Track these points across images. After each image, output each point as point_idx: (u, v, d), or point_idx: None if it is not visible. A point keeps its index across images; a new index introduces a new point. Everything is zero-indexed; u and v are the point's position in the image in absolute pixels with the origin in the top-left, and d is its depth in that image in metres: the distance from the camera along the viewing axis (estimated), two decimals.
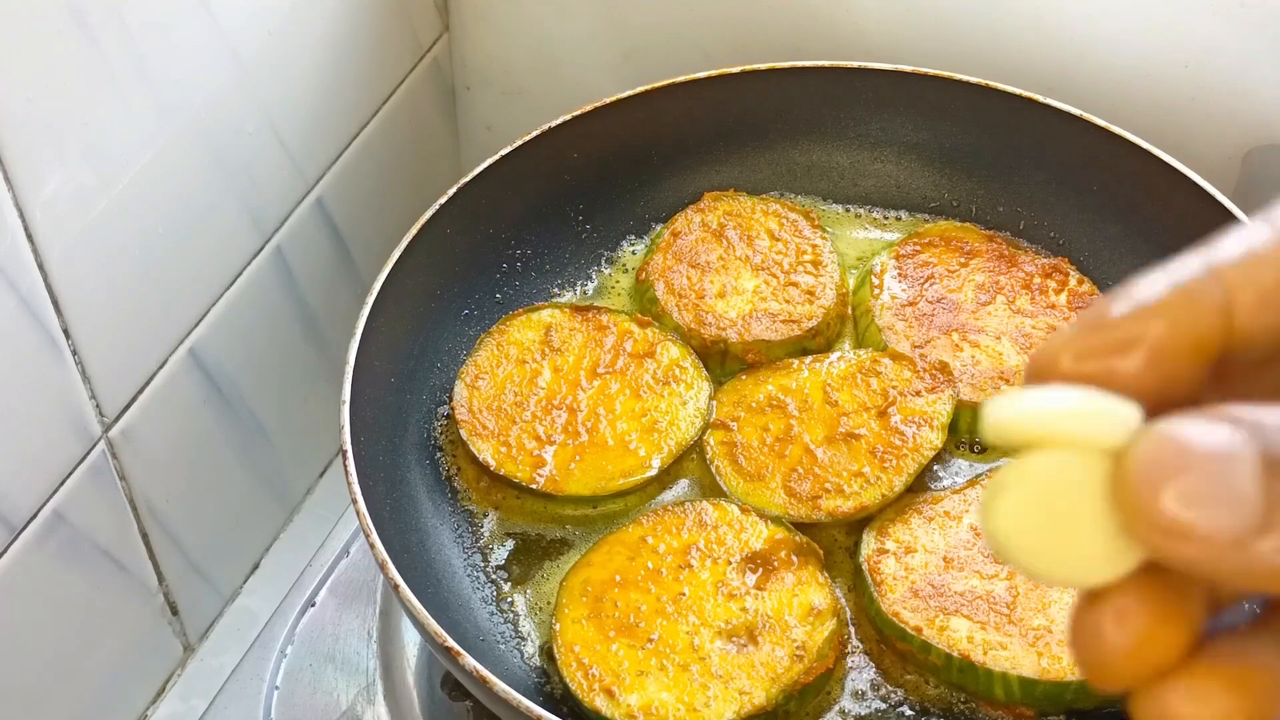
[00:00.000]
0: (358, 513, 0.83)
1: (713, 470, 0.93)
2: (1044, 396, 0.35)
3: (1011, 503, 0.36)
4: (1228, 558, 0.33)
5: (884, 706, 0.83)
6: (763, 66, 1.07)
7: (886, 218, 1.09)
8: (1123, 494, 0.34)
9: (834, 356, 0.97)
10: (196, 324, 0.99)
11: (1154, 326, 0.35)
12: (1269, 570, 0.32)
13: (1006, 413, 0.35)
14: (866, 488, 0.90)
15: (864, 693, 0.84)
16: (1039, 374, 0.36)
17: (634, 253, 1.08)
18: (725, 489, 0.92)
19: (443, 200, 0.99)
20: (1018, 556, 0.36)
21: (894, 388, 0.95)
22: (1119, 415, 0.35)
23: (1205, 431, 0.33)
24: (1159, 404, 0.35)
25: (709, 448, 0.94)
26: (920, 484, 0.91)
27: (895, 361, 0.96)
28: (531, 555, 0.91)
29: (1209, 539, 0.33)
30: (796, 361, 0.97)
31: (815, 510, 0.90)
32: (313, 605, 1.04)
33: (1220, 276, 0.36)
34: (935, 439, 0.92)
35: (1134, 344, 0.35)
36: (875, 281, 1.01)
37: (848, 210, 1.10)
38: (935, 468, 0.93)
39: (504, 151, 1.02)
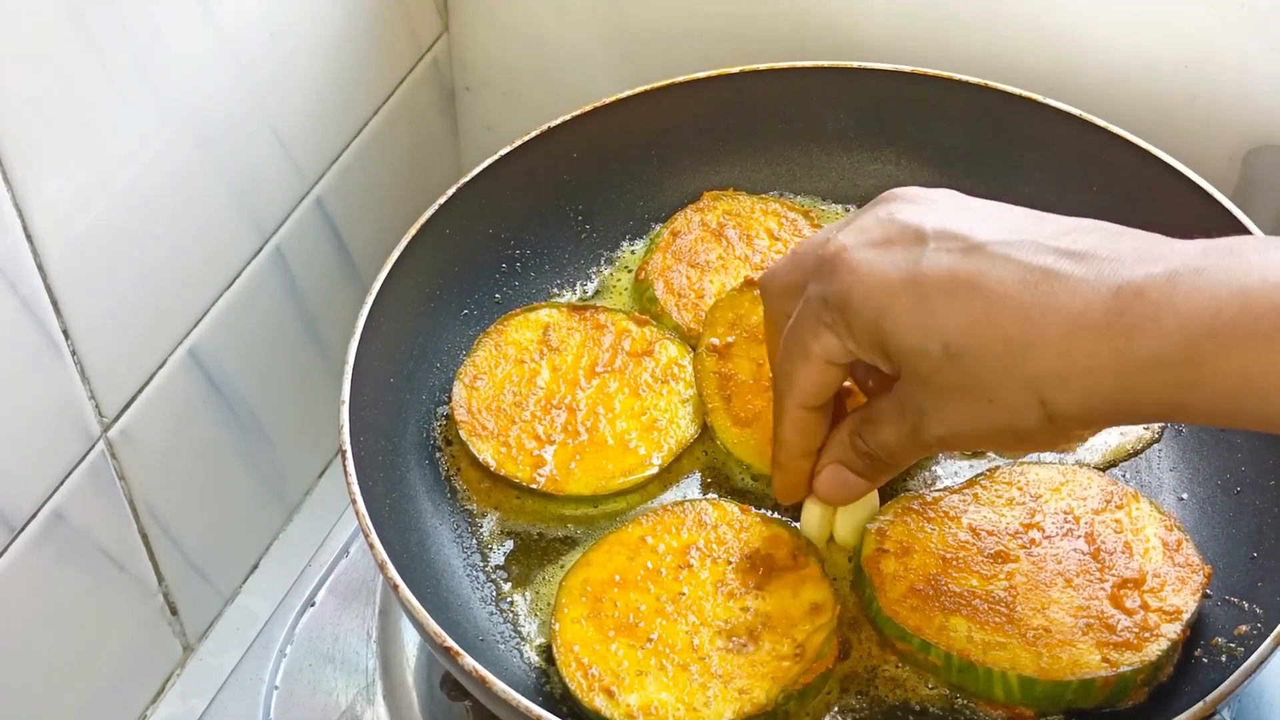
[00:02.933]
0: (357, 513, 0.83)
1: (704, 403, 0.93)
2: (805, 515, 0.87)
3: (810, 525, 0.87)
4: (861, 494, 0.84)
5: (884, 706, 0.83)
6: (763, 66, 1.07)
7: None
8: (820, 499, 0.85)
9: None
10: (196, 324, 0.99)
11: (795, 452, 0.83)
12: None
13: (804, 526, 0.87)
14: None
15: (864, 693, 0.84)
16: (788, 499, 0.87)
17: (634, 252, 1.08)
18: (712, 429, 0.92)
19: (443, 200, 0.99)
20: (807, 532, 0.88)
21: None
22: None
23: (829, 470, 0.82)
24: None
25: (699, 373, 0.94)
26: (920, 484, 0.91)
27: None
28: (531, 555, 0.91)
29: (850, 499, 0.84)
30: None
31: None
32: (312, 605, 1.04)
33: (799, 403, 0.79)
34: None
35: (795, 475, 0.84)
36: None
37: (847, 210, 1.10)
38: (935, 468, 0.93)
39: (504, 151, 1.02)
